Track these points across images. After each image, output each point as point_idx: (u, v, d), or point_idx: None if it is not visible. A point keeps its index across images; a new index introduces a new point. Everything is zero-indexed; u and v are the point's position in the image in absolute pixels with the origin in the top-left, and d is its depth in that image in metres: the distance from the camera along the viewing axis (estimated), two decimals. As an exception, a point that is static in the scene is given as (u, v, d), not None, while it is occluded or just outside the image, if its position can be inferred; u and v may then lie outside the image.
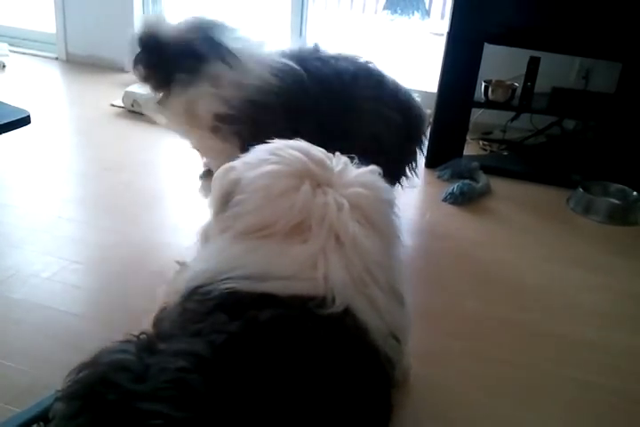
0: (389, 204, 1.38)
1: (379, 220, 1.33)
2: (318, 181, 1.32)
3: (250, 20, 5.07)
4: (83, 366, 1.02)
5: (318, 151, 1.39)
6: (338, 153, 1.45)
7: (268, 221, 1.29)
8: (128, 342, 1.09)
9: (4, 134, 1.89)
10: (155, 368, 0.97)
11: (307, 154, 1.35)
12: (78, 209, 2.56)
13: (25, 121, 1.90)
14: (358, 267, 1.25)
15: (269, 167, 1.33)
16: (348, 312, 1.19)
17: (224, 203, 1.38)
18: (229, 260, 1.28)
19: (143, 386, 0.94)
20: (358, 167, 1.40)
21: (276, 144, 1.40)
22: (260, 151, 1.39)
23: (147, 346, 1.04)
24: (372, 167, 1.43)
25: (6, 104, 2.01)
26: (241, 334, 1.06)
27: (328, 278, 1.21)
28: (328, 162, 1.36)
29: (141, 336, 1.11)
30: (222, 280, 1.21)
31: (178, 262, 1.80)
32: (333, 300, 1.18)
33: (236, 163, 1.40)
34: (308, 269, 1.22)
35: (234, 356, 1.02)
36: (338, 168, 1.37)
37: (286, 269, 1.22)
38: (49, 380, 1.60)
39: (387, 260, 1.33)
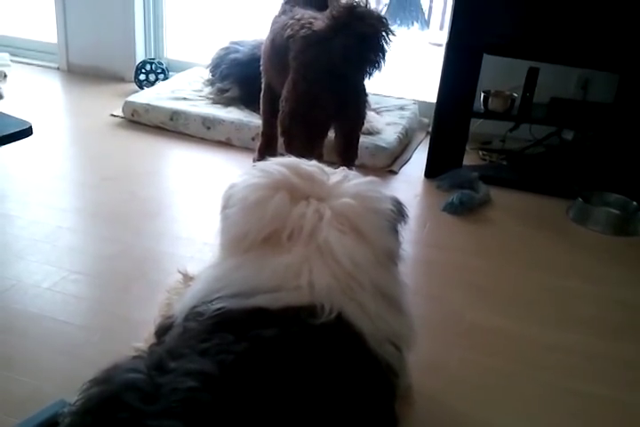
0: (380, 213, 1.36)
1: (366, 229, 1.32)
2: (304, 193, 1.32)
3: (248, 21, 5.12)
4: (94, 383, 1.01)
5: (310, 166, 1.39)
6: (343, 167, 1.45)
7: (242, 232, 1.30)
8: (139, 358, 1.09)
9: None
10: (166, 388, 0.97)
11: (292, 168, 1.35)
12: (78, 219, 2.56)
13: (27, 132, 1.91)
14: (341, 273, 1.25)
15: (250, 181, 1.35)
16: (341, 320, 1.20)
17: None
18: (217, 280, 1.30)
19: (154, 406, 0.95)
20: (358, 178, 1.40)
21: (270, 161, 1.42)
22: (254, 167, 1.41)
23: (157, 364, 1.04)
24: (371, 178, 1.43)
25: (8, 115, 2.02)
26: (248, 354, 1.07)
27: (313, 285, 1.22)
28: (319, 176, 1.36)
29: (151, 353, 1.11)
30: (213, 301, 1.22)
31: (180, 272, 1.82)
32: (322, 307, 1.19)
33: (238, 179, 1.41)
34: (291, 279, 1.23)
35: (243, 375, 1.03)
36: (333, 181, 1.37)
37: (270, 281, 1.23)
38: (49, 390, 1.61)
39: (375, 267, 1.31)
